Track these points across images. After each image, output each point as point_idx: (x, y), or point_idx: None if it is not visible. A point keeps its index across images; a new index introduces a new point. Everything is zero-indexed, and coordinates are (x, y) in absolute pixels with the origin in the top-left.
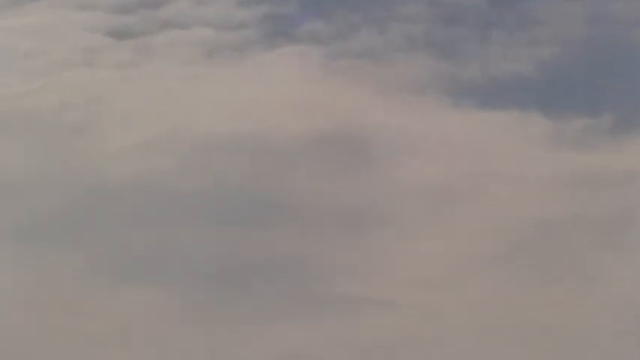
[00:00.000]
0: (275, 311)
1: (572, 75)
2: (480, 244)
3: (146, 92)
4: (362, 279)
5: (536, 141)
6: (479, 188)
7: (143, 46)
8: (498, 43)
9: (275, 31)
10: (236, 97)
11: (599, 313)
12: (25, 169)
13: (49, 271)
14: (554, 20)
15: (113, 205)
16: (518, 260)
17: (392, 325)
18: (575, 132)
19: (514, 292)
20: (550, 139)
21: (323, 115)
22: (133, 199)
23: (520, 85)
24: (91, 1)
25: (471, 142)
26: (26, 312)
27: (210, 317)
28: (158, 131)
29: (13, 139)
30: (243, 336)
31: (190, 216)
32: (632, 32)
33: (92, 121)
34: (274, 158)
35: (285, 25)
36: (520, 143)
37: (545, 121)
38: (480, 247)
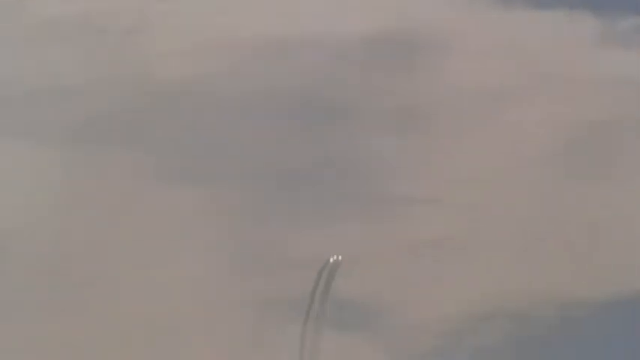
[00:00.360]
0: (325, 212)
1: None
2: (527, 144)
3: None
4: (410, 179)
5: (585, 40)
6: (527, 88)
7: None
8: None
9: None
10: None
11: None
12: (78, 71)
13: (100, 171)
14: None
15: (164, 108)
16: (565, 160)
17: (440, 224)
18: (625, 30)
19: (561, 191)
20: (599, 37)
21: (374, 16)
22: (184, 102)
23: None
24: None
25: (520, 42)
26: (77, 210)
27: (264, 218)
28: (210, 34)
29: (66, 42)
30: (296, 236)
31: (241, 119)
32: None
33: (144, 24)
34: (326, 60)
35: None
36: (569, 42)
37: (594, 20)
38: (527, 147)
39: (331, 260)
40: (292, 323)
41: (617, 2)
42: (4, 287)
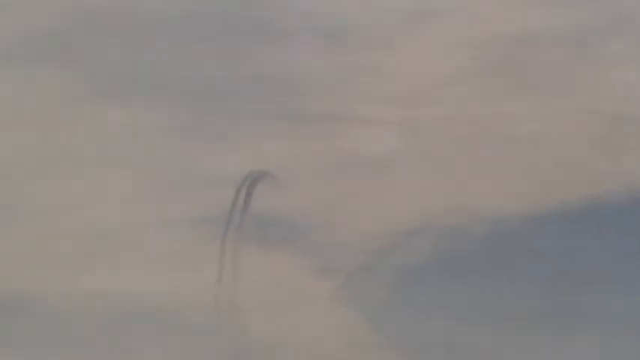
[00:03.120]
0: (253, 130)
1: None
2: (457, 59)
3: None
4: (340, 97)
5: None
6: (455, 3)
7: None
8: None
9: None
10: None
11: (574, 124)
12: None
13: (31, 89)
14: None
15: (96, 26)
16: (496, 75)
17: (368, 141)
18: None
19: (493, 106)
20: None
21: None
22: (116, 20)
23: None
24: None
25: None
26: (6, 129)
27: (190, 135)
28: None
29: None
30: (222, 153)
31: (171, 37)
32: None
33: None
34: None
35: None
36: None
37: None
38: (457, 62)
39: (250, 175)
40: (215, 241)
41: None
42: None
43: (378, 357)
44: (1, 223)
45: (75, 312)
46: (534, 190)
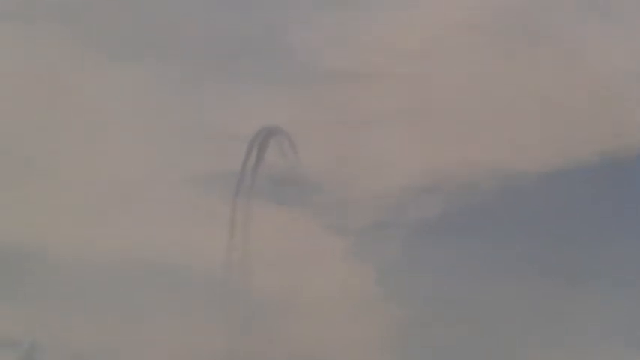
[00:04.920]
0: (264, 87)
1: None
2: (463, 13)
3: None
4: (348, 52)
5: None
6: None
7: None
8: None
9: None
10: None
11: (586, 78)
12: None
13: (39, 47)
14: None
15: None
16: (502, 30)
17: (380, 97)
18: None
19: (500, 61)
20: None
21: None
22: None
23: None
24: None
25: None
26: (19, 89)
27: (202, 93)
28: None
29: None
30: (233, 110)
31: None
32: None
33: None
34: None
35: None
36: None
37: None
38: (463, 16)
39: (262, 131)
40: (227, 197)
41: None
42: None
43: (388, 312)
44: (17, 178)
45: (87, 264)
46: (546, 146)
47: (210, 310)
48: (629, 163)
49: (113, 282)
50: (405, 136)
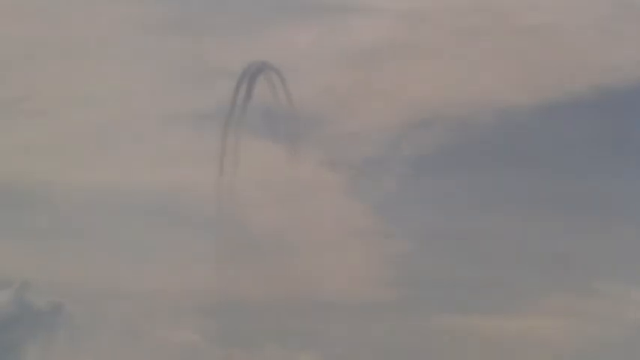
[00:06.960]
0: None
1: None
2: None
3: None
4: None
5: None
6: None
7: None
8: None
9: None
10: None
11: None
12: None
13: None
14: None
15: None
16: None
17: (377, 32)
18: None
19: None
20: None
21: None
22: None
23: None
24: None
25: None
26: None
27: (192, 29)
28: None
29: None
30: (223, 45)
31: None
32: None
33: None
34: None
35: None
36: None
37: None
38: None
39: (252, 66)
40: (218, 134)
41: None
42: None
43: (384, 246)
44: (10, 116)
45: (79, 203)
46: (542, 81)
47: (201, 246)
48: (622, 97)
49: (103, 220)
50: (401, 71)
